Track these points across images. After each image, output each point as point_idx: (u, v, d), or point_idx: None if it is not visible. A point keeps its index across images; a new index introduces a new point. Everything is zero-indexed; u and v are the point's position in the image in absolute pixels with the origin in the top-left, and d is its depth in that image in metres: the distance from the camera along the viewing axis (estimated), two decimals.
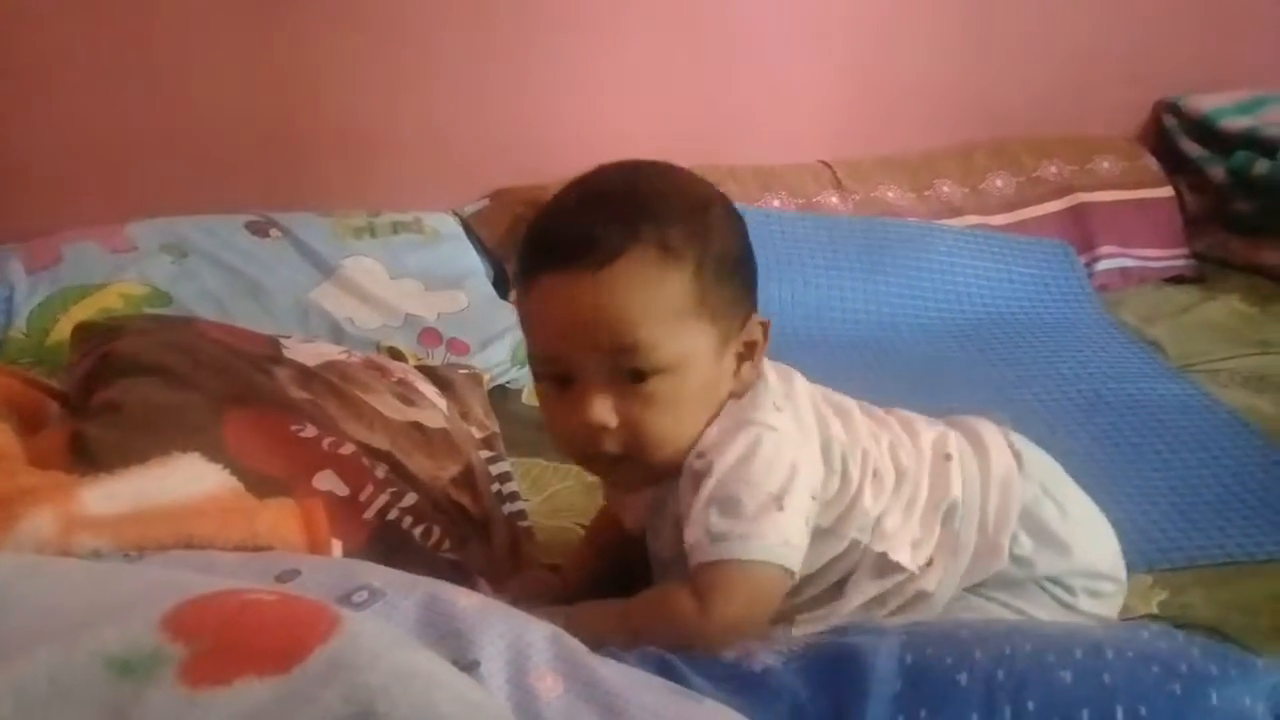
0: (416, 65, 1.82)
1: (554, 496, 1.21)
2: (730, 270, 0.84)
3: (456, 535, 0.95)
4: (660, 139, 1.91)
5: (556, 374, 0.83)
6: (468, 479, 1.08)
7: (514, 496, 1.16)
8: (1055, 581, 0.91)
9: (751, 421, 0.84)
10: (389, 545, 0.87)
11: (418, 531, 0.91)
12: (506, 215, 1.84)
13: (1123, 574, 0.96)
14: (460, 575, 0.85)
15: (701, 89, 1.97)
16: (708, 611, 0.80)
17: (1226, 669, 0.64)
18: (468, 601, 0.69)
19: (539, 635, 0.67)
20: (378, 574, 0.71)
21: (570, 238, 0.80)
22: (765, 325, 0.87)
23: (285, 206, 1.70)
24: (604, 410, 0.81)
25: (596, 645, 0.70)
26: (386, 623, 0.64)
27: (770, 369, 0.89)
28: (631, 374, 0.80)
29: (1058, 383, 1.55)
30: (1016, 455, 0.94)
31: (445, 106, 1.85)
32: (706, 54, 1.96)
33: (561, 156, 1.90)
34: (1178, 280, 1.98)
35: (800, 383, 0.91)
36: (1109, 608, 0.95)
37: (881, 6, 2.02)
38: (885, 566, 0.88)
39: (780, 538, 0.81)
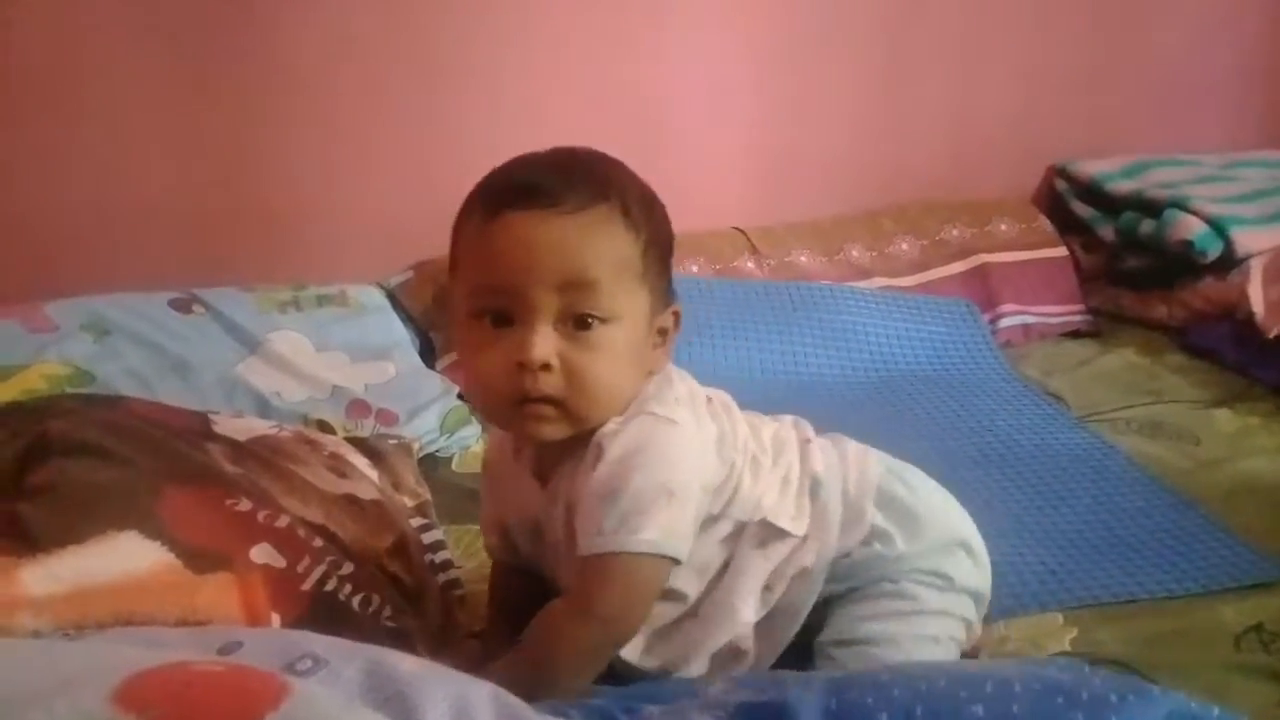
0: (340, 140, 1.84)
1: (487, 562, 1.23)
2: (665, 258, 0.92)
3: (394, 604, 0.96)
4: None
5: (498, 311, 0.85)
6: (401, 549, 1.09)
7: (447, 565, 1.18)
8: (932, 573, 0.97)
9: (652, 414, 0.88)
10: (328, 615, 0.88)
11: (356, 600, 0.92)
12: (431, 286, 1.86)
13: (979, 540, 1.04)
14: (401, 642, 0.87)
15: (618, 158, 2.03)
16: (586, 608, 0.85)
17: (1125, 695, 0.69)
18: (409, 665, 0.71)
19: (481, 694, 0.69)
20: (319, 643, 0.73)
21: (543, 185, 0.85)
22: (677, 315, 0.94)
23: (208, 282, 1.70)
24: (548, 347, 0.84)
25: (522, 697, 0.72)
26: (331, 689, 0.66)
27: (671, 367, 0.95)
28: (577, 321, 0.85)
29: (967, 435, 1.61)
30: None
31: (369, 180, 1.88)
32: (623, 126, 2.02)
33: None
34: (1075, 335, 2.08)
35: (693, 383, 0.97)
36: (982, 573, 1.02)
37: (788, 82, 2.11)
38: (767, 535, 0.94)
39: (668, 529, 0.85)
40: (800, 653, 0.97)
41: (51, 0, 1.63)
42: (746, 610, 0.94)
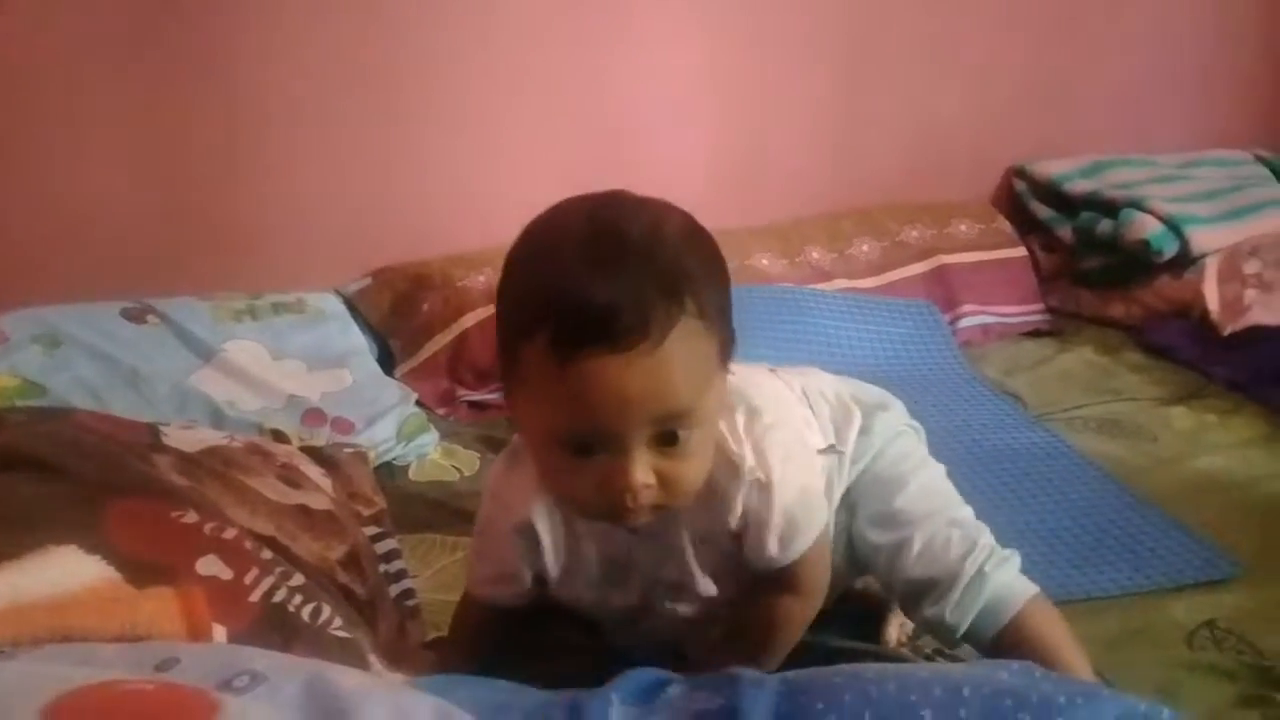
0: (296, 147, 1.83)
1: (442, 571, 1.23)
2: (729, 307, 0.86)
3: (345, 615, 0.95)
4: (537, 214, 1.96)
5: (584, 445, 0.82)
6: (354, 560, 1.08)
7: (401, 574, 1.17)
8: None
9: (767, 427, 0.93)
10: (277, 626, 0.86)
11: (306, 611, 0.90)
12: (389, 292, 1.86)
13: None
14: (351, 653, 0.85)
15: (577, 165, 2.02)
16: (805, 591, 0.95)
17: (1074, 698, 0.69)
18: (351, 681, 0.70)
19: (422, 709, 0.68)
20: (260, 658, 0.71)
21: (622, 319, 0.76)
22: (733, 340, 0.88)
23: (165, 292, 1.68)
24: (646, 472, 0.82)
25: None
26: (268, 706, 0.65)
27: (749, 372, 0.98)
28: (667, 437, 0.82)
29: (926, 434, 1.62)
30: None
31: (326, 187, 1.86)
32: (582, 132, 2.02)
33: (441, 234, 1.94)
34: (1035, 334, 2.09)
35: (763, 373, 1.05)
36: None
37: (750, 86, 2.11)
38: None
39: (825, 512, 0.96)
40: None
41: None
42: None
